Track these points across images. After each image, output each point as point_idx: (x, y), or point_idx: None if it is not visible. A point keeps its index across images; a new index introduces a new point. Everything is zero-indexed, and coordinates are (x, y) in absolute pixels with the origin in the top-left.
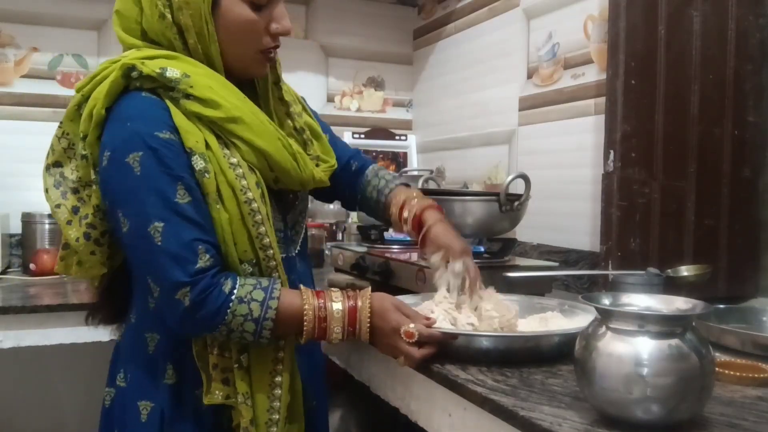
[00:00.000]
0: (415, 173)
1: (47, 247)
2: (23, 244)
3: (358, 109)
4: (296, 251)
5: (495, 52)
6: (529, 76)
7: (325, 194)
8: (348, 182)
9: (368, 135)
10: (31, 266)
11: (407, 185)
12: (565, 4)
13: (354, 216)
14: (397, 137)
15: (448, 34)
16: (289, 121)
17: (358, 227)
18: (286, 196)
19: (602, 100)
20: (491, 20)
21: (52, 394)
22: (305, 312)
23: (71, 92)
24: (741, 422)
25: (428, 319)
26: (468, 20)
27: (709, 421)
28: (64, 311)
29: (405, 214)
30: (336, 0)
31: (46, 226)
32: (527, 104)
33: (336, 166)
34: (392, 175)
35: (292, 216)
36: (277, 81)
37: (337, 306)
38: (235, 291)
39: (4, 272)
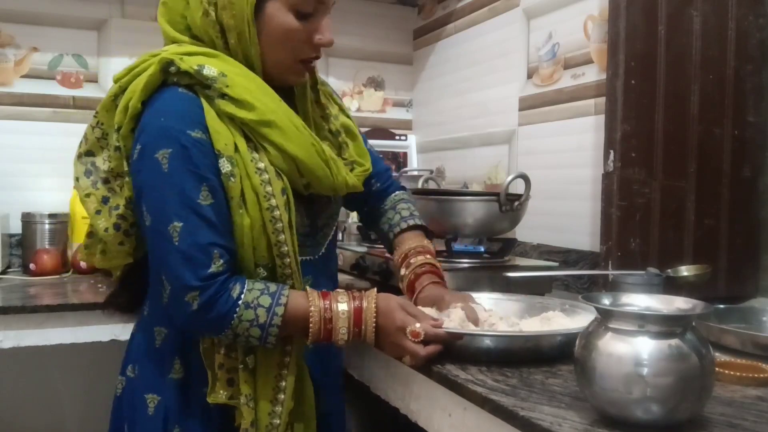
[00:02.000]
0: (415, 173)
1: (47, 247)
2: (23, 244)
3: (358, 109)
4: (320, 253)
5: (495, 52)
6: (529, 76)
7: (348, 203)
8: (367, 201)
9: (368, 135)
10: (31, 266)
11: (422, 227)
12: (565, 4)
13: (354, 216)
14: (397, 137)
15: (448, 34)
16: (324, 124)
17: (358, 227)
18: (318, 201)
19: (602, 100)
20: (491, 20)
21: (52, 394)
22: (311, 313)
23: (71, 92)
24: (741, 422)
25: (435, 319)
26: (468, 20)
27: (709, 421)
28: (64, 311)
29: (402, 272)
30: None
31: (46, 226)
32: (527, 104)
33: (371, 169)
34: (409, 211)
35: (322, 219)
36: (315, 84)
37: (342, 307)
38: (242, 296)
39: (4, 272)
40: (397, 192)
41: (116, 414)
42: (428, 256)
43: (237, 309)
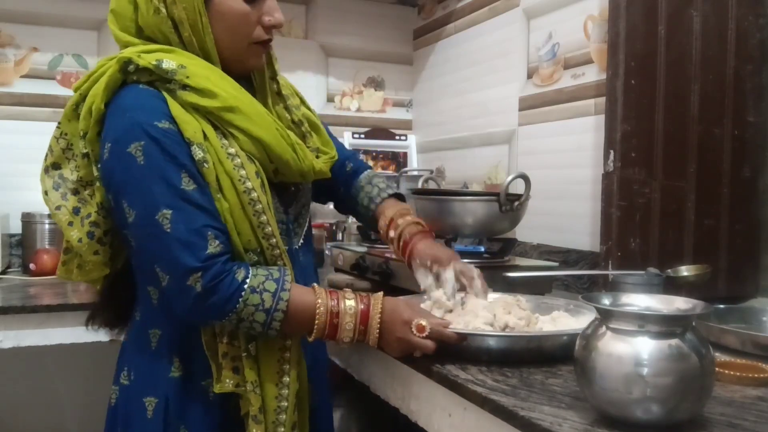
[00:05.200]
0: (415, 173)
1: (47, 247)
2: (23, 244)
3: (358, 109)
4: (299, 244)
5: (495, 52)
6: (529, 76)
7: (319, 194)
8: (343, 182)
9: (368, 135)
10: (31, 266)
11: (399, 196)
12: (565, 4)
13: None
14: (397, 137)
15: (448, 34)
16: (287, 115)
17: (358, 227)
18: (287, 189)
19: (602, 100)
20: (491, 20)
21: (52, 394)
22: (318, 306)
23: (71, 92)
24: (741, 422)
25: (442, 319)
26: (468, 20)
27: (709, 421)
28: (64, 311)
29: (391, 233)
30: (336, 0)
31: (46, 226)
32: (527, 104)
33: (337, 157)
34: (386, 183)
35: (294, 208)
36: (274, 76)
37: (350, 303)
38: (248, 280)
39: (4, 272)
40: (368, 170)
41: (111, 423)
42: (411, 217)
43: (243, 293)
